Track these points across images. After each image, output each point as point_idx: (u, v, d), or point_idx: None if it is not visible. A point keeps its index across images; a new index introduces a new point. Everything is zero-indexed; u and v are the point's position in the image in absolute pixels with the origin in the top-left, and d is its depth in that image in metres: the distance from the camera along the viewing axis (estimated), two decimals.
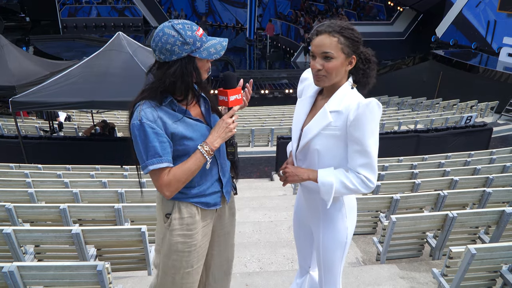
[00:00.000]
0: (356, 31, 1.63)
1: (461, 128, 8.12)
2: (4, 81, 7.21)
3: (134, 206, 3.47)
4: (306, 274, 2.20)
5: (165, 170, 1.60)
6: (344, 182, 1.62)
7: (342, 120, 1.60)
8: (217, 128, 1.67)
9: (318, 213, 1.83)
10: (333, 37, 1.59)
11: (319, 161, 1.70)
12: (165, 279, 1.80)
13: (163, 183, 1.60)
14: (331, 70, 1.60)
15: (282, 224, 4.38)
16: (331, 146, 1.66)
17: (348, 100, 1.62)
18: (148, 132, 1.54)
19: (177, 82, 1.58)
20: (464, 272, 2.39)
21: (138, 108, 1.57)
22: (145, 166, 1.58)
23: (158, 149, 1.56)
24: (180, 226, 1.72)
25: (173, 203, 1.72)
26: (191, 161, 1.63)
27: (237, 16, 26.16)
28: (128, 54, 6.96)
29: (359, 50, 1.65)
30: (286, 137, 7.24)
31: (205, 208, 1.77)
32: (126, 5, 25.91)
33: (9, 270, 2.04)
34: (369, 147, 1.58)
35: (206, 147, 1.63)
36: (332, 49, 1.59)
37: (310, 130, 1.68)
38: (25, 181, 4.73)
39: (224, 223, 1.94)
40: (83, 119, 11.76)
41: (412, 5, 19.44)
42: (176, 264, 1.76)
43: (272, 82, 16.61)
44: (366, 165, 1.60)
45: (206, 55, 1.60)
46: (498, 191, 3.79)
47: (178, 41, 1.54)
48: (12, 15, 24.53)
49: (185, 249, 1.75)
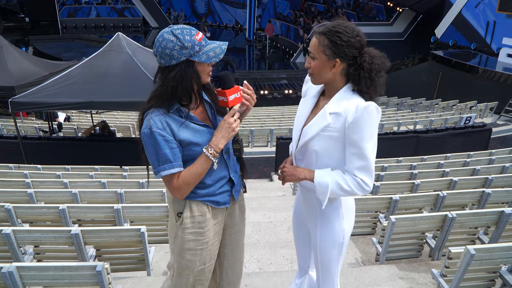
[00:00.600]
0: (347, 35, 1.59)
1: (460, 129, 8.14)
2: (3, 81, 7.19)
3: (133, 207, 3.47)
4: (305, 274, 2.21)
5: (176, 175, 1.66)
6: (340, 183, 1.63)
7: (340, 122, 1.61)
8: (219, 129, 1.70)
9: (315, 213, 1.84)
10: (316, 38, 1.64)
11: (316, 161, 1.71)
12: (180, 280, 1.84)
13: (173, 187, 1.67)
14: (314, 70, 1.67)
15: (282, 225, 4.38)
16: (329, 147, 1.67)
17: (347, 103, 1.62)
18: (158, 140, 1.60)
19: (178, 86, 1.61)
20: (463, 272, 2.39)
21: (147, 117, 1.62)
22: (157, 171, 1.64)
23: (169, 156, 1.62)
24: (192, 224, 1.77)
25: (184, 202, 1.77)
26: (197, 164, 1.68)
27: (237, 17, 26.18)
28: (127, 54, 6.96)
29: (349, 54, 1.61)
30: (285, 137, 7.25)
31: (215, 207, 1.81)
32: (126, 6, 25.91)
33: (8, 270, 2.04)
34: (366, 151, 1.58)
35: (211, 149, 1.67)
36: (314, 49, 1.65)
37: (309, 131, 1.70)
38: (25, 182, 4.73)
39: (235, 221, 1.98)
40: (83, 120, 11.75)
41: (412, 6, 19.45)
42: (190, 264, 1.80)
43: (272, 83, 16.61)
44: (362, 168, 1.61)
45: (205, 59, 1.63)
46: (497, 192, 3.79)
47: (176, 45, 1.57)
48: (12, 16, 24.52)
49: (197, 247, 1.79)
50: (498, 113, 12.15)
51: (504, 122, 11.56)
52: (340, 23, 1.63)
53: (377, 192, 4.31)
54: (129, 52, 7.00)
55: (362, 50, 1.64)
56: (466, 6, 16.56)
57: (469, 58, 15.54)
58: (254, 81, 16.73)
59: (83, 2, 25.56)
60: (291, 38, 20.97)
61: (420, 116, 11.34)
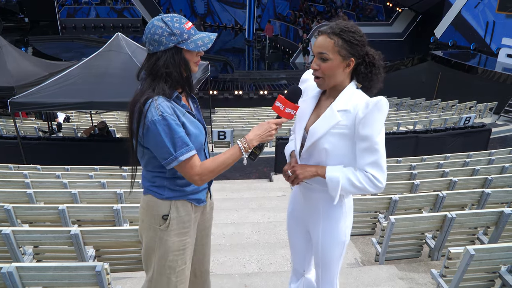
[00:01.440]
0: (359, 34, 1.63)
1: (460, 129, 8.14)
2: (3, 82, 7.20)
3: (133, 207, 3.47)
4: (301, 277, 2.18)
5: (195, 158, 1.63)
6: (351, 179, 1.63)
7: (350, 119, 1.62)
8: (260, 128, 1.70)
9: (318, 212, 1.83)
10: (331, 39, 1.61)
11: (327, 159, 1.70)
12: (161, 279, 1.81)
13: (195, 172, 1.63)
14: (326, 71, 1.64)
15: (281, 225, 4.38)
16: (339, 145, 1.67)
17: (355, 100, 1.63)
18: (172, 124, 1.57)
19: (172, 72, 1.61)
20: (463, 273, 2.39)
21: (153, 104, 1.57)
22: (174, 158, 1.59)
23: (184, 139, 1.60)
24: (177, 226, 1.75)
25: (169, 204, 1.74)
26: (227, 155, 1.67)
27: (236, 17, 26.18)
28: (127, 55, 6.96)
29: (361, 53, 1.64)
30: (285, 137, 7.25)
31: (197, 205, 1.82)
32: (125, 6, 25.93)
33: (8, 271, 2.04)
34: (378, 145, 1.59)
35: (245, 144, 1.66)
36: (328, 50, 1.61)
37: (318, 130, 1.69)
38: (24, 182, 4.73)
39: (206, 218, 1.99)
40: (82, 120, 11.75)
41: (411, 6, 19.47)
42: (172, 264, 1.78)
43: (271, 83, 16.63)
44: (373, 164, 1.61)
45: (193, 47, 1.64)
46: (497, 192, 3.79)
47: (165, 32, 1.59)
48: (11, 16, 24.54)
49: (181, 248, 1.78)
50: (497, 113, 12.16)
51: (503, 122, 11.57)
52: (347, 23, 1.64)
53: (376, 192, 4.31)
54: (129, 52, 7.01)
55: (366, 48, 1.67)
56: (465, 6, 16.58)
57: (469, 58, 15.56)
58: (254, 81, 16.76)
59: (83, 2, 25.58)
60: (290, 38, 20.98)
61: (419, 116, 11.35)
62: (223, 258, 3.56)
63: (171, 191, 1.74)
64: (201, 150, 1.76)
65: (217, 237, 4.07)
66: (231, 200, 5.73)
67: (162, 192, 1.73)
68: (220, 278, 3.00)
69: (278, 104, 1.72)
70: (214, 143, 8.86)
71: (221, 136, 8.73)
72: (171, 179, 1.72)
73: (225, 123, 11.42)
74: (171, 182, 1.73)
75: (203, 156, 1.79)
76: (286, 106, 1.70)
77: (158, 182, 1.73)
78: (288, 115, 1.72)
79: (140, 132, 1.59)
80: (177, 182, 1.73)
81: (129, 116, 1.62)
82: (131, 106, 1.61)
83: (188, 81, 1.73)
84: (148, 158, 1.69)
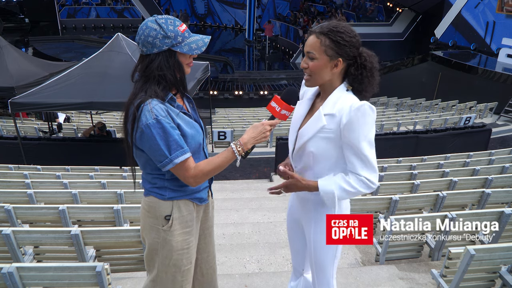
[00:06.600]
0: (348, 35, 1.61)
1: (460, 129, 8.14)
2: (3, 82, 7.21)
3: (133, 207, 3.47)
4: (300, 277, 2.18)
5: (190, 161, 1.63)
6: (344, 187, 1.63)
7: (335, 123, 1.62)
8: (254, 130, 1.70)
9: (310, 213, 1.83)
10: (318, 38, 1.62)
11: (314, 163, 1.71)
12: (166, 279, 1.81)
13: (190, 175, 1.64)
14: (313, 70, 1.64)
15: (282, 225, 4.38)
16: (325, 149, 1.67)
17: (341, 103, 1.62)
18: (166, 127, 1.57)
19: (167, 75, 1.61)
20: (463, 273, 2.39)
21: (146, 107, 1.57)
22: (169, 161, 1.60)
23: (179, 142, 1.60)
24: (180, 225, 1.75)
25: (171, 204, 1.74)
26: (222, 157, 1.67)
27: (236, 17, 26.15)
28: (127, 55, 6.96)
29: (350, 53, 1.63)
30: (285, 137, 7.25)
31: (199, 204, 1.83)
32: (125, 6, 25.90)
33: (8, 271, 2.04)
34: (364, 150, 1.58)
35: (239, 146, 1.67)
36: (314, 49, 1.62)
37: (306, 133, 1.70)
38: (24, 182, 4.72)
39: (208, 217, 1.99)
40: (82, 120, 11.75)
41: (411, 6, 19.47)
42: (177, 263, 1.78)
43: (271, 83, 16.61)
44: (364, 167, 1.61)
45: (187, 50, 1.64)
46: (497, 192, 3.79)
47: (159, 34, 1.58)
48: (11, 16, 24.52)
49: (185, 247, 1.78)
50: (497, 114, 12.15)
51: (503, 123, 11.57)
52: (338, 23, 1.63)
53: (376, 193, 4.31)
54: (129, 52, 7.00)
55: (359, 49, 1.65)
56: (465, 6, 16.56)
57: (469, 59, 15.54)
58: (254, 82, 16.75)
59: (83, 2, 25.56)
60: (290, 38, 20.97)
61: (420, 116, 11.35)
62: (224, 258, 3.56)
63: (172, 191, 1.74)
64: (200, 150, 1.76)
65: (218, 237, 4.07)
66: (231, 200, 5.73)
67: (163, 193, 1.74)
68: (220, 278, 2.99)
69: (274, 105, 1.72)
70: (214, 143, 8.86)
71: (221, 136, 8.73)
72: (172, 180, 1.73)
73: (225, 123, 11.42)
74: (171, 182, 1.73)
75: (202, 156, 1.80)
76: (281, 108, 1.71)
77: (159, 183, 1.74)
78: (283, 116, 1.72)
79: (134, 135, 1.60)
80: (178, 183, 1.73)
81: (124, 117, 1.64)
82: (125, 108, 1.63)
83: (182, 82, 1.72)
84: (145, 160, 1.70)
